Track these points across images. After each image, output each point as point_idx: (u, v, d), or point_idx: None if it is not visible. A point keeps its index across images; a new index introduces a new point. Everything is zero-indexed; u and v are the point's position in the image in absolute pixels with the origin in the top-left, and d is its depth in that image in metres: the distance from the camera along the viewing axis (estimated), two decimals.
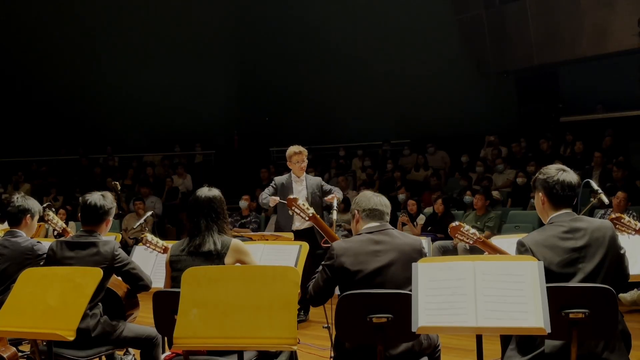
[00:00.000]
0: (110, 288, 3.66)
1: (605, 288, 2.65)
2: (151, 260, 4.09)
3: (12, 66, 14.90)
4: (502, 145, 11.33)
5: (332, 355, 3.48)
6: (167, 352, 3.24)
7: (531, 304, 2.53)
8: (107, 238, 3.73)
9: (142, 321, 3.96)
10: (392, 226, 3.30)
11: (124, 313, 3.73)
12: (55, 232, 5.21)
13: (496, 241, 3.55)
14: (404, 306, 2.70)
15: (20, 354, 3.85)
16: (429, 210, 8.98)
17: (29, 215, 4.11)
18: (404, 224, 8.42)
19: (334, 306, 2.92)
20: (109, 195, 3.74)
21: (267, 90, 15.57)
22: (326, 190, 6.07)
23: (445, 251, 7.62)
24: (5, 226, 4.25)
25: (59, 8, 14.61)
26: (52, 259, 3.58)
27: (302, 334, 5.30)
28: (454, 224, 3.41)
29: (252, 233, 7.37)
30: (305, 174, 6.19)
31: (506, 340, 3.03)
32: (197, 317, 2.71)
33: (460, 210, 8.88)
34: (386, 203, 3.32)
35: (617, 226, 3.47)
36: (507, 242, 3.44)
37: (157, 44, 15.07)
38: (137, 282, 3.61)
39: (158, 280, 3.81)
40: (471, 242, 3.36)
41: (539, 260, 2.68)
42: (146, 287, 3.63)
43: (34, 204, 4.18)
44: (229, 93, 16.12)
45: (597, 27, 11.40)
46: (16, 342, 3.86)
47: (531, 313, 2.52)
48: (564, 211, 2.95)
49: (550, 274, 2.69)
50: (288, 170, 6.31)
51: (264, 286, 2.73)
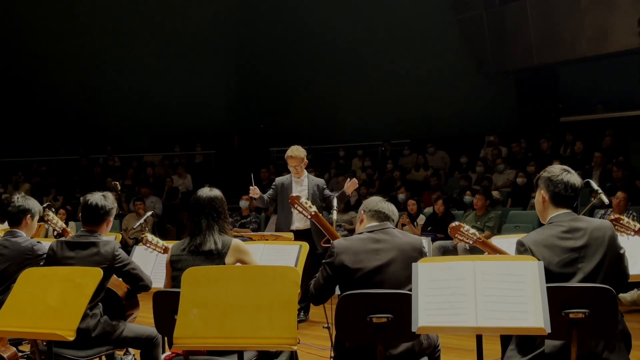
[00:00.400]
0: (110, 288, 3.66)
1: (605, 288, 2.65)
2: (151, 261, 4.09)
3: (12, 66, 14.90)
4: (502, 145, 11.33)
5: (332, 355, 3.48)
6: (167, 352, 3.24)
7: (531, 304, 2.53)
8: (108, 238, 3.73)
9: (142, 321, 3.95)
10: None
11: (124, 313, 3.73)
12: (55, 232, 5.21)
13: (496, 241, 3.55)
14: (404, 306, 2.70)
15: (20, 354, 3.85)
16: (429, 210, 8.99)
17: (29, 216, 4.11)
18: (403, 225, 8.42)
19: (334, 306, 2.92)
20: (110, 195, 3.74)
21: (267, 91, 15.58)
22: (326, 197, 6.01)
23: (445, 251, 7.62)
24: (5, 226, 4.25)
25: (59, 8, 14.61)
26: (52, 258, 3.58)
27: (302, 334, 5.30)
28: (453, 224, 3.41)
29: (252, 233, 7.37)
30: (307, 173, 6.18)
31: (506, 340, 3.03)
32: (197, 317, 2.71)
33: (460, 210, 8.88)
34: (393, 210, 3.33)
35: (616, 227, 3.47)
36: (507, 242, 3.45)
37: (157, 44, 15.07)
38: (137, 283, 3.61)
39: (158, 280, 3.81)
40: (471, 242, 3.37)
41: (538, 260, 2.69)
42: (146, 287, 3.63)
43: (34, 204, 4.18)
44: (228, 93, 16.13)
45: (597, 27, 11.40)
46: (16, 342, 3.86)
47: (531, 313, 2.52)
48: (563, 211, 2.95)
49: (549, 274, 2.69)
50: (288, 170, 6.31)
51: (264, 286, 2.73)
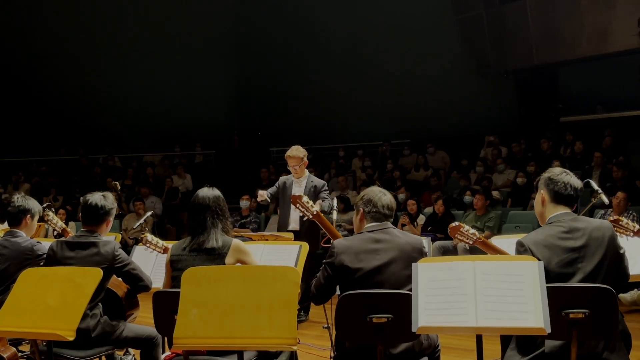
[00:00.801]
0: (110, 288, 3.66)
1: (605, 288, 2.65)
2: (151, 261, 4.09)
3: (12, 66, 14.90)
4: (502, 145, 11.33)
5: (332, 355, 3.48)
6: (167, 352, 3.24)
7: (531, 304, 2.53)
8: (108, 238, 3.73)
9: (142, 321, 3.95)
10: (394, 226, 3.30)
11: (124, 313, 3.73)
12: (55, 232, 5.21)
13: (496, 241, 3.55)
14: (404, 306, 2.71)
15: (20, 354, 3.85)
16: (429, 210, 8.99)
17: (29, 216, 4.11)
18: (403, 225, 8.42)
19: (334, 306, 2.92)
20: (109, 195, 3.74)
21: (267, 90, 15.58)
22: (318, 196, 5.93)
23: (445, 251, 7.62)
24: (5, 226, 4.25)
25: (59, 8, 14.61)
26: (52, 259, 3.58)
27: (302, 334, 5.30)
28: (453, 224, 3.41)
29: (252, 233, 7.37)
30: (308, 174, 6.18)
31: (506, 340, 3.03)
32: (197, 317, 2.71)
33: (460, 210, 8.88)
34: (392, 204, 3.30)
35: (615, 228, 3.48)
36: (507, 242, 3.45)
37: (157, 43, 15.07)
38: (137, 283, 3.61)
39: (158, 280, 3.81)
40: (471, 242, 3.37)
41: (538, 260, 2.69)
42: (146, 287, 3.64)
43: (34, 204, 4.18)
44: (228, 93, 16.13)
45: (597, 27, 11.39)
46: (16, 342, 3.86)
47: (531, 313, 2.52)
48: (563, 211, 2.95)
49: (549, 274, 2.70)
50: (287, 170, 6.33)
51: (264, 286, 2.73)
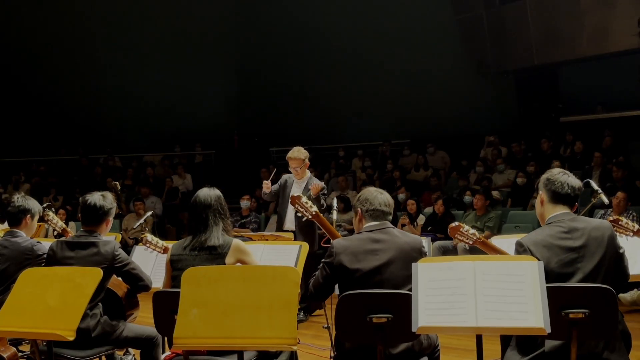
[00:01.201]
0: (110, 288, 3.66)
1: (605, 288, 2.65)
2: (151, 261, 4.10)
3: (12, 66, 14.91)
4: (502, 145, 11.33)
5: (332, 355, 3.48)
6: (167, 352, 3.24)
7: (531, 304, 2.53)
8: (108, 238, 3.73)
9: (142, 321, 3.95)
10: (393, 225, 3.30)
11: (124, 313, 3.73)
12: (55, 232, 5.22)
13: (496, 241, 3.55)
14: (404, 306, 2.71)
15: (20, 354, 3.85)
16: (429, 210, 8.98)
17: (29, 216, 4.11)
18: (403, 225, 8.42)
19: (334, 306, 2.92)
20: (109, 195, 3.74)
21: (267, 90, 15.58)
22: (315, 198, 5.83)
23: (445, 251, 7.62)
24: (5, 226, 4.25)
25: (59, 8, 14.61)
26: (52, 258, 3.58)
27: (302, 334, 5.30)
28: (453, 224, 3.41)
29: (252, 233, 7.37)
30: (309, 176, 6.18)
31: (506, 340, 3.03)
32: (197, 317, 2.71)
33: (460, 210, 8.88)
34: (389, 202, 3.29)
35: (615, 228, 3.48)
36: (507, 242, 3.45)
37: (157, 44, 15.07)
38: (137, 283, 3.62)
39: (158, 280, 3.81)
40: (471, 242, 3.37)
41: (538, 260, 2.69)
42: (146, 287, 3.64)
43: (34, 204, 4.18)
44: (229, 93, 16.12)
45: (597, 27, 11.39)
46: (16, 342, 3.86)
47: (531, 313, 2.52)
48: (562, 211, 2.95)
49: (549, 274, 2.69)
50: (289, 170, 6.33)
51: (264, 286, 2.73)
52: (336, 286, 3.20)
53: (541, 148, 10.48)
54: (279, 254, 3.89)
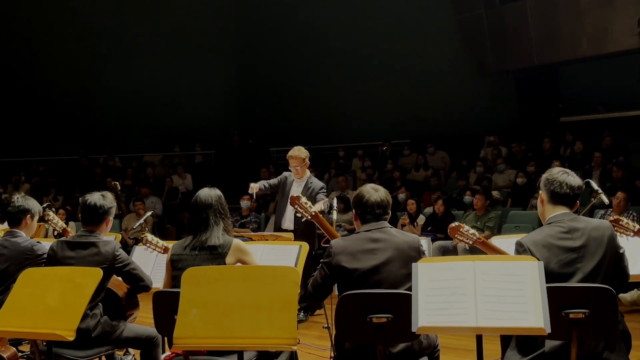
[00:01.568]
0: (110, 288, 3.66)
1: (605, 288, 2.65)
2: (151, 261, 4.10)
3: (12, 66, 14.90)
4: (502, 145, 11.33)
5: (332, 355, 3.48)
6: (167, 352, 3.24)
7: (531, 304, 2.53)
8: (108, 238, 3.73)
9: (142, 321, 3.96)
10: (392, 225, 3.29)
11: (124, 313, 3.73)
12: (55, 232, 5.22)
13: (496, 241, 3.55)
14: (403, 306, 2.70)
15: (20, 354, 3.85)
16: (429, 210, 8.98)
17: (29, 216, 4.11)
18: (403, 225, 8.42)
19: (334, 306, 2.92)
20: (108, 195, 3.74)
21: (267, 90, 15.58)
22: (315, 198, 5.76)
23: (445, 251, 7.62)
24: (5, 226, 4.25)
25: (59, 8, 14.62)
26: (52, 258, 3.58)
27: (302, 334, 5.29)
28: (453, 224, 3.41)
29: (252, 233, 7.37)
30: (309, 176, 6.17)
31: (506, 340, 3.03)
32: (197, 317, 2.71)
33: (460, 210, 8.87)
34: (384, 201, 3.23)
35: (615, 228, 3.48)
36: (507, 242, 3.45)
37: (157, 43, 15.08)
38: (137, 283, 3.62)
39: (158, 280, 3.81)
40: (471, 242, 3.37)
41: (537, 260, 2.69)
42: (146, 287, 3.64)
43: (34, 204, 4.18)
44: (228, 93, 16.13)
45: (597, 27, 11.39)
46: (16, 342, 3.86)
47: (531, 313, 2.52)
48: (562, 211, 2.95)
49: (548, 274, 2.69)
50: (289, 170, 6.32)
51: (264, 286, 2.73)
52: (335, 286, 3.20)
53: (541, 148, 10.48)
54: (279, 254, 3.89)
